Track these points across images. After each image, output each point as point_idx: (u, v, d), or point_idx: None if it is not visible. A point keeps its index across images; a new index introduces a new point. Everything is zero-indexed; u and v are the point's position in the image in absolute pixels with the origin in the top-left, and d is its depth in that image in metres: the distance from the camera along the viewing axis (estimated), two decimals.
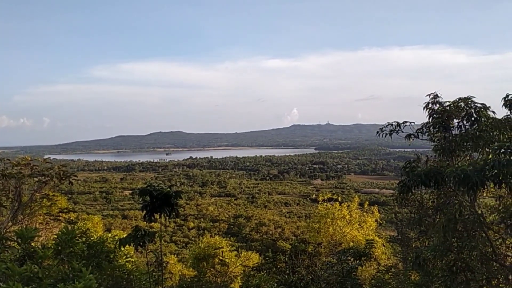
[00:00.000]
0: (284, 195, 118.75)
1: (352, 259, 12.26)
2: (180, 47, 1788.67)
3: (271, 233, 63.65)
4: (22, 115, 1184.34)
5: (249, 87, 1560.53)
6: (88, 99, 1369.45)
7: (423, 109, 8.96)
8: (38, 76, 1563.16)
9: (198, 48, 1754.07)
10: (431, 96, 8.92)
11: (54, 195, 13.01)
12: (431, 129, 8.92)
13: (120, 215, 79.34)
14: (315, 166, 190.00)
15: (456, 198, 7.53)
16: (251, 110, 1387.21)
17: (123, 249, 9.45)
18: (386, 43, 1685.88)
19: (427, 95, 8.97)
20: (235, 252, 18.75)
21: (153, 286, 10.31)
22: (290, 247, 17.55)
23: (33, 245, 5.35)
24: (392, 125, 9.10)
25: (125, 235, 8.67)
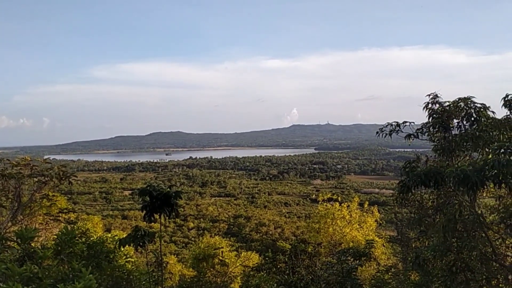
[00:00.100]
0: (284, 195, 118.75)
1: (352, 259, 12.26)
2: (180, 47, 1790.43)
3: (271, 233, 63.66)
4: (21, 115, 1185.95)
5: (248, 87, 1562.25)
6: (88, 99, 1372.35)
7: (422, 109, 8.96)
8: (37, 76, 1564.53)
9: (198, 48, 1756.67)
10: (431, 96, 8.92)
11: (54, 195, 12.98)
12: (431, 129, 8.91)
13: (120, 215, 79.36)
14: (315, 166, 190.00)
15: (456, 198, 7.53)
16: (251, 110, 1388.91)
17: (123, 249, 9.45)
18: (385, 43, 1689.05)
19: (427, 95, 8.98)
20: (235, 252, 18.73)
21: (153, 286, 10.31)
22: (290, 247, 17.52)
23: (33, 245, 5.35)
24: (392, 125, 9.10)
25: (125, 235, 8.66)
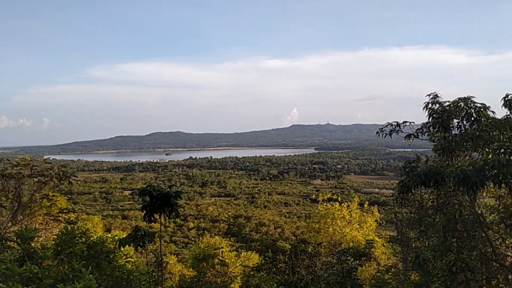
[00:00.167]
0: (284, 195, 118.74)
1: (352, 259, 12.25)
2: (179, 47, 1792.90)
3: (271, 233, 63.67)
4: (21, 116, 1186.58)
5: (248, 87, 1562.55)
6: (88, 99, 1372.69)
7: (423, 109, 8.96)
8: (37, 77, 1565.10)
9: (198, 48, 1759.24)
10: (431, 96, 8.92)
11: (54, 195, 12.97)
12: (431, 129, 8.91)
13: (120, 215, 79.38)
14: (315, 166, 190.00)
15: (456, 198, 7.52)
16: (251, 110, 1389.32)
17: (123, 249, 9.44)
18: (385, 43, 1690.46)
19: (427, 95, 8.98)
20: (235, 252, 18.74)
21: (153, 286, 10.30)
22: (290, 247, 17.50)
23: (32, 245, 5.35)
24: (392, 125, 9.09)
25: (125, 235, 8.66)
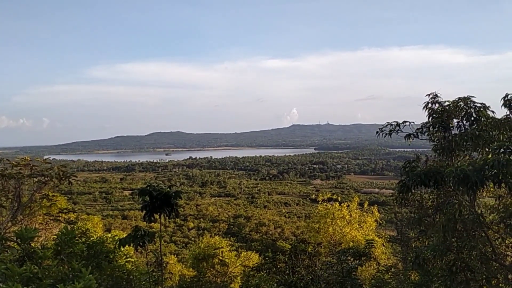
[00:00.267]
0: (284, 195, 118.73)
1: (352, 259, 12.26)
2: (179, 47, 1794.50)
3: (270, 233, 63.66)
4: (21, 116, 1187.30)
5: (248, 87, 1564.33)
6: (88, 99, 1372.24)
7: (422, 109, 8.96)
8: (37, 77, 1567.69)
9: (198, 48, 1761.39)
10: (431, 96, 8.91)
11: (53, 195, 12.95)
12: (431, 129, 8.91)
13: (120, 215, 79.37)
14: (314, 166, 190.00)
15: (456, 198, 7.52)
16: (250, 110, 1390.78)
17: (122, 249, 9.44)
18: (385, 43, 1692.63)
19: (427, 95, 8.97)
20: (234, 252, 18.73)
21: (153, 286, 10.30)
22: (290, 247, 17.53)
23: (32, 245, 5.34)
24: (392, 125, 9.09)
25: (125, 235, 8.65)
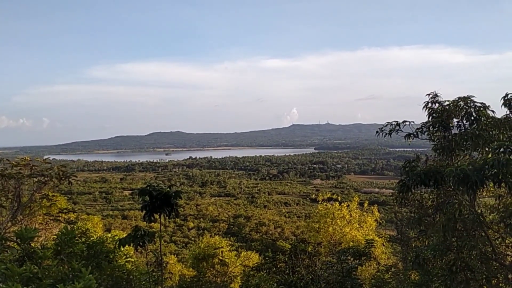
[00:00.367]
0: (284, 195, 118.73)
1: (352, 259, 12.26)
2: (179, 47, 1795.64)
3: (270, 233, 63.68)
4: (21, 116, 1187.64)
5: (248, 87, 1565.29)
6: (88, 99, 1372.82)
7: (422, 109, 8.95)
8: (37, 77, 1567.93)
9: (198, 48, 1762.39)
10: (431, 96, 8.91)
11: (53, 195, 12.95)
12: (431, 129, 8.91)
13: (120, 215, 79.39)
14: (314, 166, 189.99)
15: (456, 198, 7.51)
16: (250, 110, 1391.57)
17: (122, 249, 9.43)
18: (385, 43, 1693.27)
19: (427, 94, 8.97)
20: (234, 252, 18.72)
21: (153, 286, 10.30)
22: (290, 247, 17.52)
23: (32, 245, 5.34)
24: (392, 124, 9.08)
25: (124, 235, 8.65)
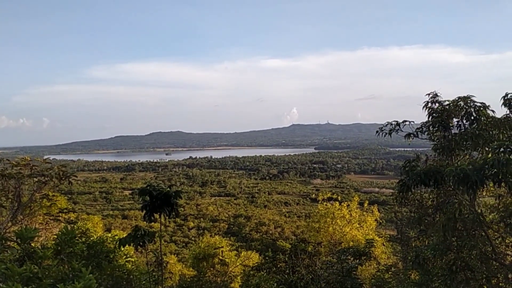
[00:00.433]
0: (284, 194, 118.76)
1: (352, 259, 12.29)
2: (179, 47, 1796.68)
3: (271, 232, 63.72)
4: (21, 116, 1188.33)
5: (248, 87, 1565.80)
6: (88, 99, 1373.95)
7: (422, 108, 8.94)
8: (36, 77, 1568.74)
9: (198, 48, 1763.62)
10: (431, 95, 8.90)
11: (54, 195, 12.95)
12: (431, 128, 8.90)
13: (120, 215, 79.47)
14: (314, 165, 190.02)
15: (456, 197, 7.51)
16: (250, 110, 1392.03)
17: (123, 249, 9.44)
18: (385, 43, 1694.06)
19: (427, 94, 8.95)
20: (235, 252, 18.73)
21: (153, 286, 10.31)
22: (290, 246, 17.51)
23: (32, 245, 5.34)
24: (392, 124, 9.08)
25: (125, 235, 8.66)
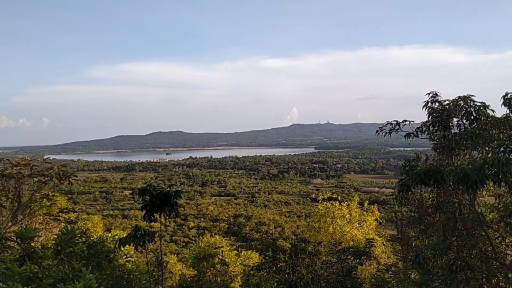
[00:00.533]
0: (284, 194, 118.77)
1: (352, 258, 12.30)
2: (179, 47, 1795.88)
3: (271, 232, 63.74)
4: (21, 116, 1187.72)
5: (248, 87, 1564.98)
6: (88, 99, 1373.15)
7: (422, 108, 8.94)
8: (37, 77, 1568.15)
9: (198, 48, 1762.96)
10: (430, 95, 8.91)
11: (54, 195, 12.97)
12: (431, 128, 8.90)
13: (120, 215, 79.51)
14: (315, 165, 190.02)
15: (456, 197, 7.51)
16: (250, 110, 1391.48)
17: (123, 249, 9.45)
18: (385, 43, 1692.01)
19: (427, 94, 8.96)
20: (235, 252, 18.73)
21: (153, 285, 10.31)
22: (290, 246, 17.53)
23: (33, 245, 5.34)
24: (392, 124, 9.08)
25: (125, 235, 8.66)
